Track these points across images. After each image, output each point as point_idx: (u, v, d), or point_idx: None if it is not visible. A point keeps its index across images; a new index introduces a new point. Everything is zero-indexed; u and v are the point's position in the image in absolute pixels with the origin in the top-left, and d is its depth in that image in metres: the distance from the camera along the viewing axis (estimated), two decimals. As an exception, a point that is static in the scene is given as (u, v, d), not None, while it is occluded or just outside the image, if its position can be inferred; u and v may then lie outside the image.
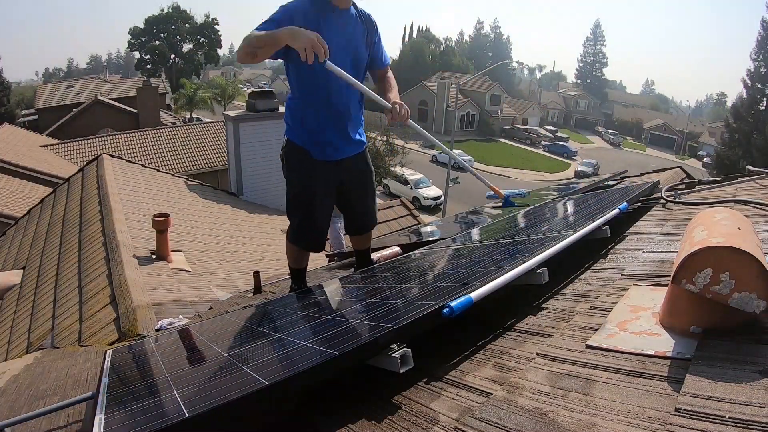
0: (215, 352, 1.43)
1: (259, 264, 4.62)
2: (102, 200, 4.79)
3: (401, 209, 7.55)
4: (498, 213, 3.76)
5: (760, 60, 23.56)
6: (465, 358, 1.14)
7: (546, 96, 60.44)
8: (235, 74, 66.71)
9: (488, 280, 1.22)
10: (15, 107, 27.58)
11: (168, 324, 2.56)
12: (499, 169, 32.26)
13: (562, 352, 1.02)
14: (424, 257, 2.28)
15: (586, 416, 0.77)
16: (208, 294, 3.42)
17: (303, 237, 2.34)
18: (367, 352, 0.99)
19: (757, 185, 2.29)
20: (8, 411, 1.77)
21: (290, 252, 2.43)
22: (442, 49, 57.95)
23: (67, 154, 15.66)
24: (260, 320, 1.84)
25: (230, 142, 7.73)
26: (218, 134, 16.99)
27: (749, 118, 22.92)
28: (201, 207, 6.27)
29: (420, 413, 0.94)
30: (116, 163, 6.44)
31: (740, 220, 1.07)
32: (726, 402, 0.69)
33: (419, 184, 22.46)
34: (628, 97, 72.37)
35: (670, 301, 0.99)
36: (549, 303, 1.37)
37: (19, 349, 3.00)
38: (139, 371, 1.49)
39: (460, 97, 32.27)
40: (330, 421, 0.99)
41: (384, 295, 1.58)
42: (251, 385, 0.91)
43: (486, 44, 72.94)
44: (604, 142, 48.85)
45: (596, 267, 1.59)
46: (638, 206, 2.32)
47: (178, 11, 44.95)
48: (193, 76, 44.05)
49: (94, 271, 3.46)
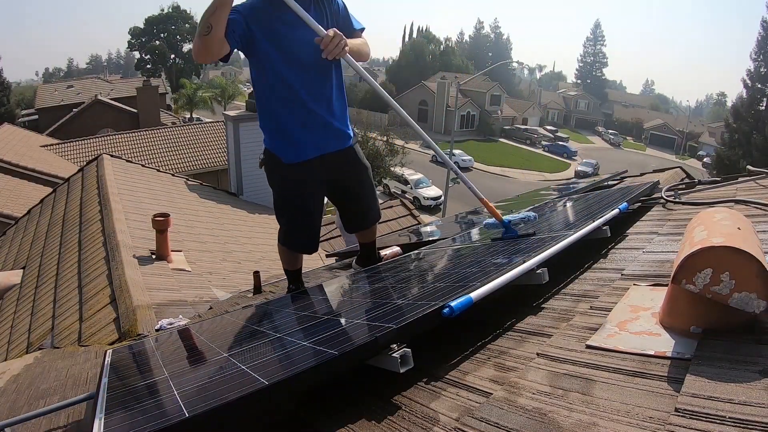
0: (215, 352, 1.43)
1: (259, 264, 4.62)
2: (102, 200, 4.79)
3: (401, 209, 7.56)
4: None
5: (760, 60, 23.56)
6: (465, 358, 1.14)
7: (546, 96, 60.47)
8: (235, 74, 66.65)
9: (488, 280, 1.22)
10: (15, 107, 27.56)
11: (168, 324, 2.56)
12: (499, 169, 32.28)
13: (562, 352, 1.02)
14: (424, 257, 2.28)
15: (586, 416, 0.77)
16: (208, 294, 3.42)
17: (291, 239, 2.31)
18: (367, 352, 0.99)
19: (757, 185, 2.29)
20: (8, 411, 1.78)
21: (282, 254, 2.41)
22: (442, 49, 57.87)
23: (67, 154, 15.67)
24: (260, 320, 1.84)
25: (230, 142, 7.73)
26: (218, 134, 17.00)
27: (749, 118, 22.93)
28: (201, 207, 6.27)
29: (420, 413, 0.94)
30: (116, 163, 6.44)
31: (740, 220, 1.07)
32: (726, 402, 0.69)
33: (419, 184, 22.47)
34: (628, 97, 72.35)
35: (670, 301, 0.99)
36: (549, 303, 1.37)
37: (19, 349, 3.00)
38: (139, 371, 1.49)
39: (460, 97, 32.28)
40: (330, 421, 0.99)
41: (384, 295, 1.58)
42: (251, 385, 0.91)
43: (486, 44, 72.91)
44: (604, 142, 48.86)
45: (596, 267, 1.59)
46: (638, 206, 2.32)
47: (178, 11, 45.01)
48: (193, 76, 44.06)
49: (94, 271, 3.46)
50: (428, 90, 42.48)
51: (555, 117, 55.25)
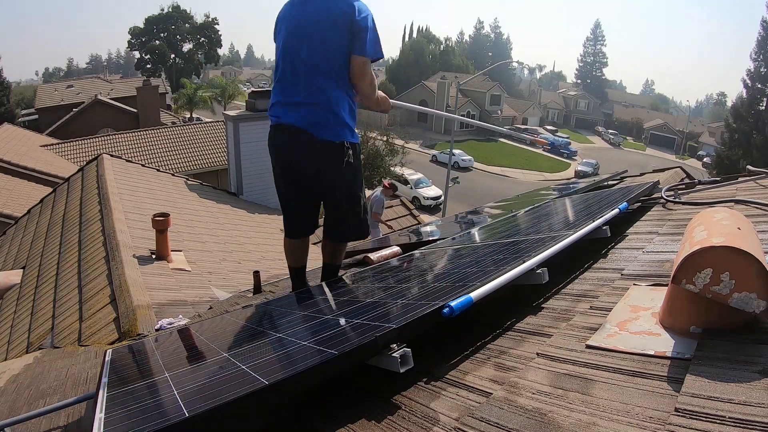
0: (215, 352, 1.42)
1: (259, 264, 4.62)
2: (102, 200, 4.79)
3: (401, 209, 7.56)
4: (498, 213, 3.76)
5: (760, 60, 23.57)
6: (465, 358, 1.14)
7: (546, 96, 60.50)
8: (235, 74, 66.66)
9: (488, 280, 1.22)
10: (15, 107, 27.58)
11: (168, 324, 2.56)
12: (499, 169, 32.28)
13: (562, 352, 1.02)
14: (424, 257, 2.28)
15: (586, 416, 0.77)
16: (208, 294, 3.42)
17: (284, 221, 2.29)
18: (367, 351, 0.99)
19: (757, 185, 2.29)
20: (8, 411, 1.78)
21: (284, 246, 2.38)
22: (442, 49, 57.90)
23: (67, 153, 15.67)
24: (260, 320, 1.84)
25: (230, 142, 7.73)
26: (218, 134, 16.99)
27: (749, 118, 22.94)
28: (201, 207, 6.27)
29: (420, 413, 0.94)
30: (116, 162, 6.44)
31: (740, 220, 1.07)
32: (726, 402, 0.69)
33: (419, 184, 22.46)
34: (628, 97, 72.36)
35: (670, 301, 0.99)
36: (549, 303, 1.37)
37: (19, 348, 3.00)
38: (139, 371, 1.49)
39: (460, 97, 32.28)
40: (330, 421, 0.99)
41: (384, 294, 1.58)
42: (251, 384, 0.91)
43: (486, 44, 72.95)
44: (604, 142, 48.88)
45: (596, 267, 1.59)
46: (638, 206, 2.32)
47: (178, 11, 45.03)
48: (193, 75, 44.12)
49: (94, 271, 3.46)
50: (428, 90, 42.49)
51: (555, 117, 55.29)
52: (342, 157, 2.05)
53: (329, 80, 1.99)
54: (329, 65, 1.98)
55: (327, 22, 1.95)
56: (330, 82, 2.00)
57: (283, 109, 2.06)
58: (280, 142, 2.11)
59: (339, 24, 1.94)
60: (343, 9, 1.94)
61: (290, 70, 2.03)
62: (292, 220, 2.28)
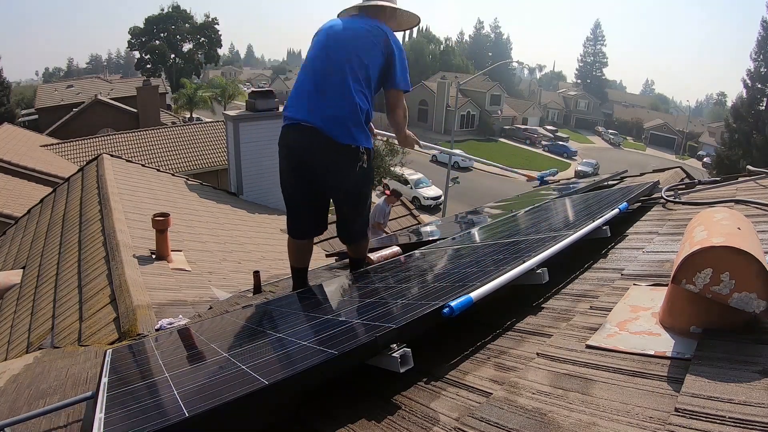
0: (215, 352, 1.42)
1: (259, 264, 4.62)
2: (102, 200, 4.79)
3: (401, 209, 7.56)
4: (498, 213, 3.76)
5: (760, 60, 23.58)
6: (465, 358, 1.14)
7: (546, 96, 60.49)
8: (235, 74, 66.64)
9: (488, 280, 1.22)
10: (15, 107, 27.56)
11: (168, 324, 2.56)
12: (499, 169, 32.26)
13: (562, 351, 1.02)
14: (424, 257, 2.28)
15: (586, 416, 0.77)
16: (208, 294, 3.42)
17: (288, 221, 2.32)
18: (367, 351, 0.99)
19: (757, 185, 2.29)
20: (8, 411, 1.77)
21: (288, 246, 2.39)
22: (442, 49, 57.90)
23: (67, 153, 15.67)
24: (260, 320, 1.84)
25: (230, 142, 7.72)
26: (218, 134, 16.99)
27: (749, 118, 22.95)
28: (201, 207, 6.27)
29: (420, 413, 0.94)
30: (116, 162, 6.44)
31: (740, 220, 1.07)
32: (726, 402, 0.69)
33: (419, 184, 22.46)
34: (628, 97, 72.37)
35: (670, 301, 0.99)
36: (549, 303, 1.37)
37: (19, 348, 3.00)
38: (139, 371, 1.49)
39: (460, 97, 32.27)
40: (330, 421, 0.99)
41: (384, 295, 1.58)
42: (251, 384, 0.91)
43: (486, 44, 72.94)
44: (604, 142, 48.87)
45: (596, 267, 1.59)
46: (638, 206, 2.32)
47: (178, 11, 45.01)
48: (193, 75, 44.10)
49: (94, 271, 3.46)
50: (428, 90, 42.49)
51: (555, 117, 55.28)
52: (357, 161, 2.13)
53: (357, 87, 2.10)
54: (360, 74, 2.11)
55: (365, 39, 2.14)
56: (357, 90, 2.10)
57: (304, 109, 2.11)
58: (296, 141, 2.15)
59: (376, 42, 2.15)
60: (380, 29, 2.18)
61: (321, 73, 2.12)
62: (298, 221, 2.31)
